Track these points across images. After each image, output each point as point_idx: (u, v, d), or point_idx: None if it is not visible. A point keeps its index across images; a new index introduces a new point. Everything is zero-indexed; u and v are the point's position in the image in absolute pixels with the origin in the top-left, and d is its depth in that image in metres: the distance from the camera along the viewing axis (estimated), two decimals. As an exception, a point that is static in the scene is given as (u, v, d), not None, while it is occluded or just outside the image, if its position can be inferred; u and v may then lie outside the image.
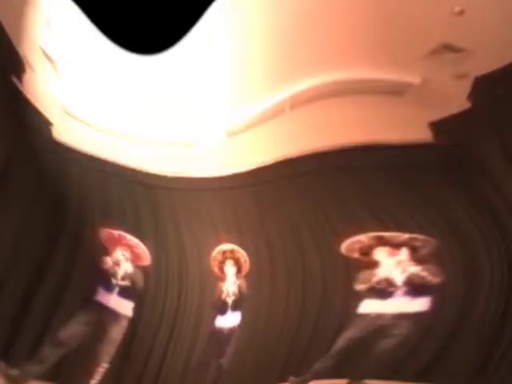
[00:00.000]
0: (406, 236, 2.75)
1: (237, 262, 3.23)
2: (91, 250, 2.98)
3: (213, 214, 4.21)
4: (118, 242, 3.03)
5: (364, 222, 3.91)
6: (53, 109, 3.81)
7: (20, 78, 3.47)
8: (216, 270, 3.21)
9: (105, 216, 4.00)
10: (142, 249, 3.06)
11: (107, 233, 3.04)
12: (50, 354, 2.73)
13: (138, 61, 3.92)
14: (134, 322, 3.79)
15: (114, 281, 2.93)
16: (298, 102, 3.68)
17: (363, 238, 2.78)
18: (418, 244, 2.74)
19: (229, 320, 3.14)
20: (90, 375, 2.79)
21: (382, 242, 2.76)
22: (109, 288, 2.89)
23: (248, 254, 3.55)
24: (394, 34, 3.22)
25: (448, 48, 3.07)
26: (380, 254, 2.78)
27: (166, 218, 4.18)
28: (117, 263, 2.97)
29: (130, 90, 4.03)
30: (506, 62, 3.12)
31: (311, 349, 3.95)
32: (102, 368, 2.80)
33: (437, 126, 3.56)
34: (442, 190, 3.64)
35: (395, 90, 3.40)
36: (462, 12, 2.87)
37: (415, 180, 3.75)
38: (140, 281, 2.98)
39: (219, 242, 3.70)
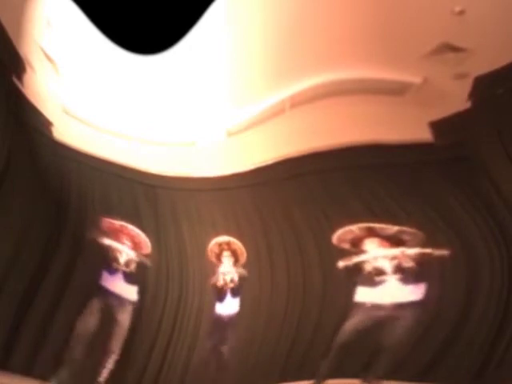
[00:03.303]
0: (395, 228, 2.77)
1: (234, 254, 3.23)
2: (93, 238, 3.00)
3: (213, 214, 4.21)
4: (120, 231, 3.04)
5: (363, 221, 3.92)
6: (53, 109, 3.81)
7: (20, 78, 3.47)
8: (214, 260, 3.23)
9: (105, 216, 4.01)
10: (143, 238, 3.08)
11: (108, 223, 3.06)
12: (77, 353, 2.75)
13: (138, 61, 3.92)
14: (135, 320, 3.80)
15: (116, 266, 2.94)
16: (298, 102, 3.69)
17: (354, 228, 2.80)
18: (406, 237, 2.77)
19: (228, 307, 3.13)
20: (102, 364, 2.79)
21: (372, 233, 2.78)
22: (112, 273, 2.90)
23: (248, 254, 3.56)
24: (394, 34, 3.22)
25: (448, 48, 3.08)
26: (370, 244, 2.80)
27: (167, 218, 4.18)
28: (118, 250, 2.99)
29: (130, 89, 4.03)
30: (506, 61, 3.13)
31: (312, 348, 3.96)
32: (114, 356, 2.81)
33: (437, 126, 3.55)
34: (441, 190, 3.64)
35: (395, 90, 3.41)
36: (462, 12, 2.87)
37: (415, 180, 3.75)
38: (143, 267, 3.00)
39: (216, 236, 3.72)
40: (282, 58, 3.32)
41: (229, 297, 2.98)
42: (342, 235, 2.61)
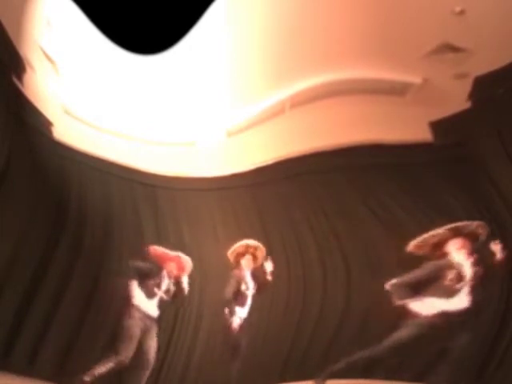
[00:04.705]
0: (474, 224, 2.69)
1: (255, 259, 3.22)
2: (145, 266, 2.99)
3: (213, 214, 4.21)
4: (170, 259, 3.03)
5: (363, 221, 3.91)
6: (53, 109, 3.81)
7: (20, 78, 3.47)
8: (232, 260, 3.20)
9: (105, 216, 4.00)
10: (190, 266, 3.07)
11: (159, 251, 3.04)
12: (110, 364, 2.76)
13: (138, 61, 3.92)
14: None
15: (156, 291, 2.98)
16: (298, 102, 3.69)
17: (440, 230, 2.72)
18: (480, 231, 2.71)
19: (245, 312, 3.12)
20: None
21: (456, 233, 2.70)
22: (151, 297, 2.94)
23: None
24: (395, 34, 3.22)
25: (448, 48, 3.08)
26: (451, 246, 2.72)
27: (166, 218, 4.18)
28: (163, 277, 3.00)
29: (130, 89, 4.03)
30: (506, 61, 3.12)
31: (311, 348, 3.95)
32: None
33: (437, 126, 3.56)
34: (441, 189, 3.65)
35: (396, 90, 3.41)
36: (462, 12, 2.87)
37: (415, 179, 3.76)
38: (179, 295, 3.00)
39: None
40: (282, 58, 3.27)
41: (248, 303, 2.97)
42: (421, 242, 2.54)
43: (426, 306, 2.54)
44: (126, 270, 2.97)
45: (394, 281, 2.59)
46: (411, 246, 2.74)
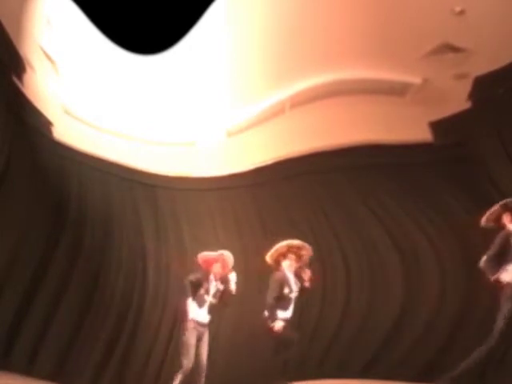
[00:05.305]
0: None
1: (299, 259, 3.15)
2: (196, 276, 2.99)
3: (213, 214, 4.21)
4: (215, 260, 3.04)
5: (363, 221, 3.91)
6: (53, 109, 3.81)
7: (20, 78, 3.47)
8: (271, 262, 3.15)
9: (105, 216, 4.01)
10: (231, 261, 3.06)
11: (206, 257, 3.04)
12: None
13: (138, 61, 3.92)
14: (137, 319, 3.80)
15: (206, 298, 2.99)
16: (298, 102, 3.69)
17: (495, 207, 2.83)
18: None
19: (289, 314, 3.08)
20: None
21: (505, 208, 2.83)
22: (202, 305, 2.97)
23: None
24: (394, 34, 3.22)
25: (448, 48, 3.08)
26: (506, 219, 2.85)
27: (166, 218, 4.19)
28: (211, 281, 3.01)
29: (130, 89, 4.03)
30: (506, 61, 3.13)
31: (311, 348, 3.96)
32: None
33: (437, 126, 3.56)
34: (441, 189, 3.65)
35: (395, 90, 3.41)
36: (462, 12, 2.87)
37: (415, 179, 3.76)
38: (227, 297, 3.01)
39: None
40: (282, 58, 3.27)
41: (292, 306, 2.95)
42: (489, 216, 2.85)
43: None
44: (183, 289, 3.01)
45: (484, 257, 2.78)
46: (482, 221, 2.91)
